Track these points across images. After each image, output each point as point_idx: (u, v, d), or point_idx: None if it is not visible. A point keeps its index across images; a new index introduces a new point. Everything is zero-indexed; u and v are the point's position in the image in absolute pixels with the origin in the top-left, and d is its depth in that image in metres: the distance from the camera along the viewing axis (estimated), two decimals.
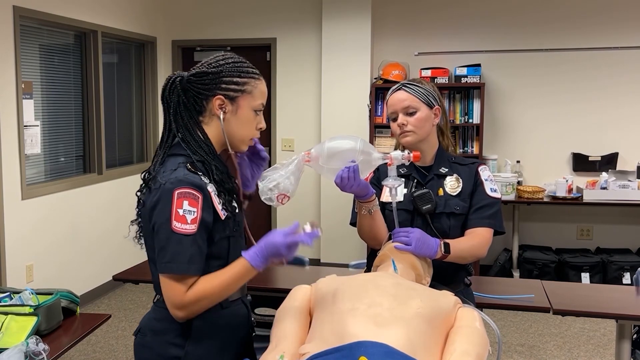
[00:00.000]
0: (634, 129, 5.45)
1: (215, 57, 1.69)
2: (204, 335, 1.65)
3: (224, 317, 1.69)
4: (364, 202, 1.96)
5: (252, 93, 1.68)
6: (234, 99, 1.66)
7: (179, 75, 1.67)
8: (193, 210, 1.54)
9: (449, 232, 2.05)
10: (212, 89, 1.65)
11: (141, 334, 1.71)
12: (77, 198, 4.85)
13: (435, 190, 2.09)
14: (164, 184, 1.56)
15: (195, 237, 1.54)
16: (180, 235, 1.52)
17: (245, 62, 1.71)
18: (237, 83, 1.65)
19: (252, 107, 1.68)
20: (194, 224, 1.54)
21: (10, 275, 4.14)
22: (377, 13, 5.76)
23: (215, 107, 1.65)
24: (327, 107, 5.76)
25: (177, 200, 1.53)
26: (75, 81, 5.00)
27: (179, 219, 1.52)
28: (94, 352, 4.06)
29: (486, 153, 5.61)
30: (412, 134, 2.07)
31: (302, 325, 1.70)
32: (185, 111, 1.66)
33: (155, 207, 1.56)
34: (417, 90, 2.08)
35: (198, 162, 1.63)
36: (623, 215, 5.51)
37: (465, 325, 1.64)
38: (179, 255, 1.52)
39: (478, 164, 2.16)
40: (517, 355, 4.00)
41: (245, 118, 1.68)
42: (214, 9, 6.05)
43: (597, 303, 2.58)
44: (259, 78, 1.71)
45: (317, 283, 1.82)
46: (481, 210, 2.07)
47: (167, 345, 1.64)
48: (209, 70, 1.65)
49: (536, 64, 5.57)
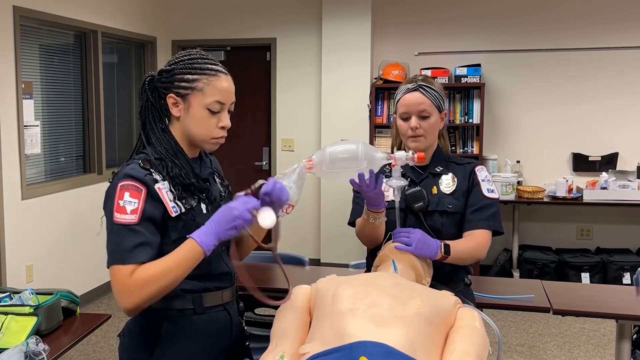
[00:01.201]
0: (634, 129, 5.45)
1: (178, 54, 1.67)
2: (174, 341, 1.62)
3: (198, 324, 1.64)
4: (374, 212, 1.93)
5: (202, 90, 1.60)
6: (184, 97, 1.61)
7: (150, 75, 1.66)
8: (134, 202, 1.52)
9: (441, 229, 2.06)
10: (168, 87, 1.62)
11: (122, 336, 1.72)
12: (77, 198, 4.84)
13: (429, 189, 2.09)
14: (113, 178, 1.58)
15: (135, 228, 1.50)
16: (119, 225, 1.50)
17: (203, 57, 1.64)
18: (187, 80, 1.60)
19: (204, 104, 1.61)
20: (134, 214, 1.51)
21: (10, 275, 4.14)
22: (377, 13, 5.76)
23: (170, 106, 1.63)
24: (327, 107, 5.76)
25: (119, 192, 1.52)
26: (75, 81, 5.00)
27: (119, 209, 1.51)
28: (94, 352, 4.06)
29: (486, 153, 5.61)
30: (422, 139, 2.06)
31: (302, 325, 1.70)
32: (153, 111, 1.66)
33: (105, 200, 1.57)
34: (432, 93, 2.06)
35: (156, 159, 1.62)
36: (623, 215, 5.50)
37: (465, 325, 1.64)
38: (120, 246, 1.50)
39: (475, 164, 2.15)
40: (517, 355, 4.00)
41: (197, 116, 1.61)
42: (214, 9, 6.05)
43: (597, 303, 2.58)
44: (215, 74, 1.62)
45: (317, 283, 1.81)
46: (479, 211, 2.06)
47: (139, 348, 1.64)
48: (165, 67, 1.64)
49: (536, 64, 5.56)
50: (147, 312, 1.56)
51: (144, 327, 1.63)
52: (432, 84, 2.10)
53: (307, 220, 5.85)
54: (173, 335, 1.62)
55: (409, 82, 2.11)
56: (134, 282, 1.48)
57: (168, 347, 1.62)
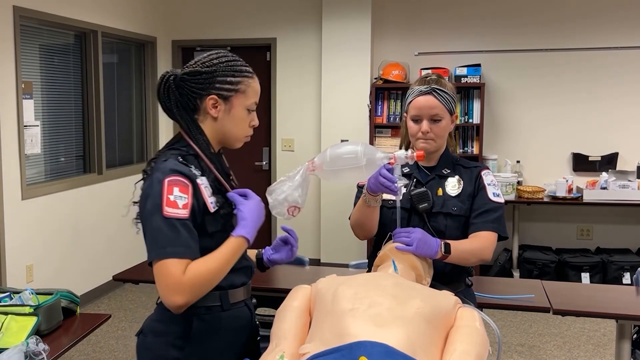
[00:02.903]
0: (634, 129, 5.45)
1: (209, 56, 1.69)
2: (205, 337, 1.64)
3: (225, 319, 1.68)
4: (373, 195, 1.95)
5: (245, 92, 1.69)
6: (227, 99, 1.67)
7: (172, 73, 1.67)
8: (184, 196, 1.54)
9: (445, 231, 2.05)
10: (206, 88, 1.65)
11: (143, 334, 1.71)
12: (77, 198, 4.85)
13: (434, 190, 2.09)
14: (153, 173, 1.58)
15: (187, 223, 1.53)
16: (172, 219, 1.51)
17: (239, 60, 1.71)
18: (230, 82, 1.66)
19: (245, 106, 1.70)
20: (185, 209, 1.53)
21: (10, 275, 4.15)
22: (377, 13, 5.76)
23: (209, 107, 1.66)
24: (327, 107, 5.76)
25: (168, 187, 1.53)
26: (75, 81, 5.00)
27: (171, 204, 1.52)
28: (94, 352, 4.06)
29: (486, 153, 5.61)
30: (432, 142, 2.07)
31: (302, 325, 1.70)
32: (181, 109, 1.67)
33: (147, 196, 1.57)
34: (445, 97, 2.06)
35: (191, 155, 1.64)
36: (623, 215, 5.51)
37: (465, 325, 1.64)
38: (174, 240, 1.50)
39: (481, 168, 2.15)
40: (517, 355, 4.00)
41: (238, 117, 1.70)
42: (214, 9, 6.05)
43: (597, 303, 2.58)
44: (252, 76, 1.72)
45: (317, 283, 1.81)
46: (484, 214, 2.07)
47: (167, 346, 1.64)
48: (203, 69, 1.66)
49: (536, 64, 5.57)
50: None
51: (172, 325, 1.63)
52: (444, 86, 2.09)
53: (307, 220, 5.85)
54: (202, 332, 1.64)
55: (422, 84, 2.10)
56: (189, 279, 1.49)
57: (198, 344, 1.63)
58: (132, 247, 5.61)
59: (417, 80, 2.16)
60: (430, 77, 2.13)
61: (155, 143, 6.04)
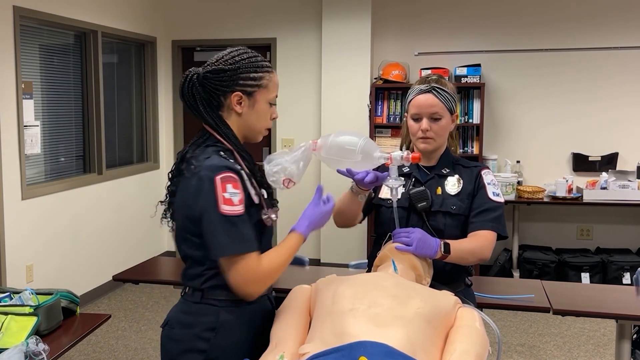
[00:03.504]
0: (634, 129, 5.45)
1: (230, 53, 1.75)
2: (231, 330, 1.69)
3: (250, 312, 1.72)
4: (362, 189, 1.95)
5: (267, 87, 1.75)
6: (251, 94, 1.73)
7: (195, 72, 1.72)
8: (237, 192, 1.60)
9: (444, 230, 2.05)
10: (230, 85, 1.71)
11: (169, 326, 1.75)
12: (77, 198, 4.85)
13: (433, 189, 2.09)
14: (200, 171, 1.61)
15: (244, 218, 1.61)
16: (231, 217, 1.58)
17: (259, 55, 1.77)
18: (253, 78, 1.72)
19: (267, 99, 1.76)
20: (240, 204, 1.60)
21: (10, 275, 4.15)
22: (377, 13, 5.76)
23: (234, 103, 1.72)
24: (327, 107, 5.76)
25: (221, 185, 1.58)
26: (75, 81, 5.00)
27: (227, 202, 1.58)
28: (94, 352, 4.06)
29: (486, 153, 5.61)
30: (432, 141, 2.07)
31: (302, 325, 1.71)
32: (207, 106, 1.72)
33: (197, 194, 1.60)
34: (445, 96, 2.06)
35: (227, 151, 1.71)
36: (623, 215, 5.50)
37: (465, 325, 1.64)
38: (240, 236, 1.58)
39: (481, 168, 2.15)
40: (517, 355, 4.00)
41: (261, 111, 1.76)
42: (214, 9, 6.05)
43: (597, 303, 2.58)
44: (272, 71, 1.78)
45: (317, 283, 1.82)
46: (483, 213, 2.07)
47: (194, 338, 1.68)
48: (226, 67, 1.71)
49: (536, 64, 5.57)
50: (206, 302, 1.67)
51: (201, 317, 1.68)
52: (445, 85, 2.09)
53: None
54: (229, 325, 1.68)
55: (422, 83, 2.11)
56: (264, 270, 1.62)
57: (224, 336, 1.68)
58: (132, 247, 5.62)
59: (418, 80, 2.17)
60: (431, 77, 2.13)
61: (155, 143, 6.04)
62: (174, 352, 1.71)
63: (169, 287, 5.12)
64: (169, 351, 1.73)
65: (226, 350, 1.67)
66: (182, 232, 1.70)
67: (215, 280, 1.67)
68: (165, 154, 6.19)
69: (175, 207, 1.73)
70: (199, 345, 1.66)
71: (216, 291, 1.67)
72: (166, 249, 6.26)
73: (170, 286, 4.76)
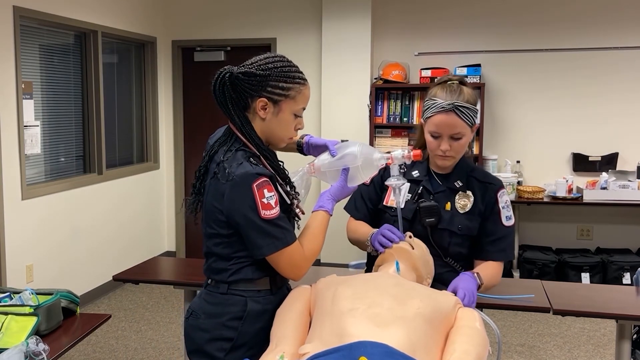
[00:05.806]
0: (634, 129, 5.45)
1: (266, 59, 1.76)
2: (256, 318, 1.76)
3: (273, 302, 1.80)
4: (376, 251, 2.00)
5: (295, 98, 1.77)
6: (277, 102, 1.75)
7: (229, 70, 1.73)
8: (273, 195, 1.69)
9: (448, 247, 2.05)
10: (258, 90, 1.73)
11: (193, 316, 1.80)
12: (78, 198, 4.85)
13: (442, 204, 2.04)
14: (235, 179, 1.67)
15: (282, 216, 1.72)
16: (273, 219, 1.68)
17: (294, 66, 1.79)
18: (282, 88, 1.74)
19: (293, 111, 1.78)
20: (277, 205, 1.69)
21: (10, 275, 4.15)
22: (377, 13, 5.76)
23: (258, 108, 1.75)
24: (327, 107, 5.76)
25: (259, 192, 1.66)
26: (75, 81, 5.00)
27: (266, 207, 1.67)
28: (94, 352, 4.06)
29: (486, 153, 5.61)
30: (451, 158, 2.01)
31: (302, 325, 1.71)
32: (235, 105, 1.75)
33: (235, 201, 1.68)
34: (467, 113, 1.94)
35: (255, 156, 1.75)
36: (623, 215, 5.50)
37: (465, 325, 1.64)
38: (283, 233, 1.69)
39: (498, 188, 2.07)
40: (517, 355, 4.00)
41: (285, 121, 1.78)
42: (214, 9, 6.05)
43: (597, 303, 2.58)
44: (304, 83, 1.79)
45: (317, 283, 1.82)
46: (496, 242, 2.06)
47: (221, 327, 1.74)
48: (257, 72, 1.72)
49: (536, 64, 5.56)
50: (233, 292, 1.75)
51: (228, 307, 1.75)
52: (467, 96, 1.96)
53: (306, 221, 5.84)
54: (255, 314, 1.76)
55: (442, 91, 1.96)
56: (308, 253, 1.76)
57: (250, 325, 1.75)
58: (132, 247, 5.62)
59: (438, 86, 2.00)
60: (452, 83, 1.98)
61: (155, 143, 6.04)
62: (201, 341, 1.76)
63: (169, 287, 5.12)
64: (195, 340, 1.78)
65: (252, 338, 1.75)
66: (209, 230, 1.77)
67: (240, 274, 1.75)
68: (165, 154, 6.19)
69: (204, 207, 1.79)
70: (226, 334, 1.74)
71: (241, 283, 1.75)
72: (166, 249, 6.26)
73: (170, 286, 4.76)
